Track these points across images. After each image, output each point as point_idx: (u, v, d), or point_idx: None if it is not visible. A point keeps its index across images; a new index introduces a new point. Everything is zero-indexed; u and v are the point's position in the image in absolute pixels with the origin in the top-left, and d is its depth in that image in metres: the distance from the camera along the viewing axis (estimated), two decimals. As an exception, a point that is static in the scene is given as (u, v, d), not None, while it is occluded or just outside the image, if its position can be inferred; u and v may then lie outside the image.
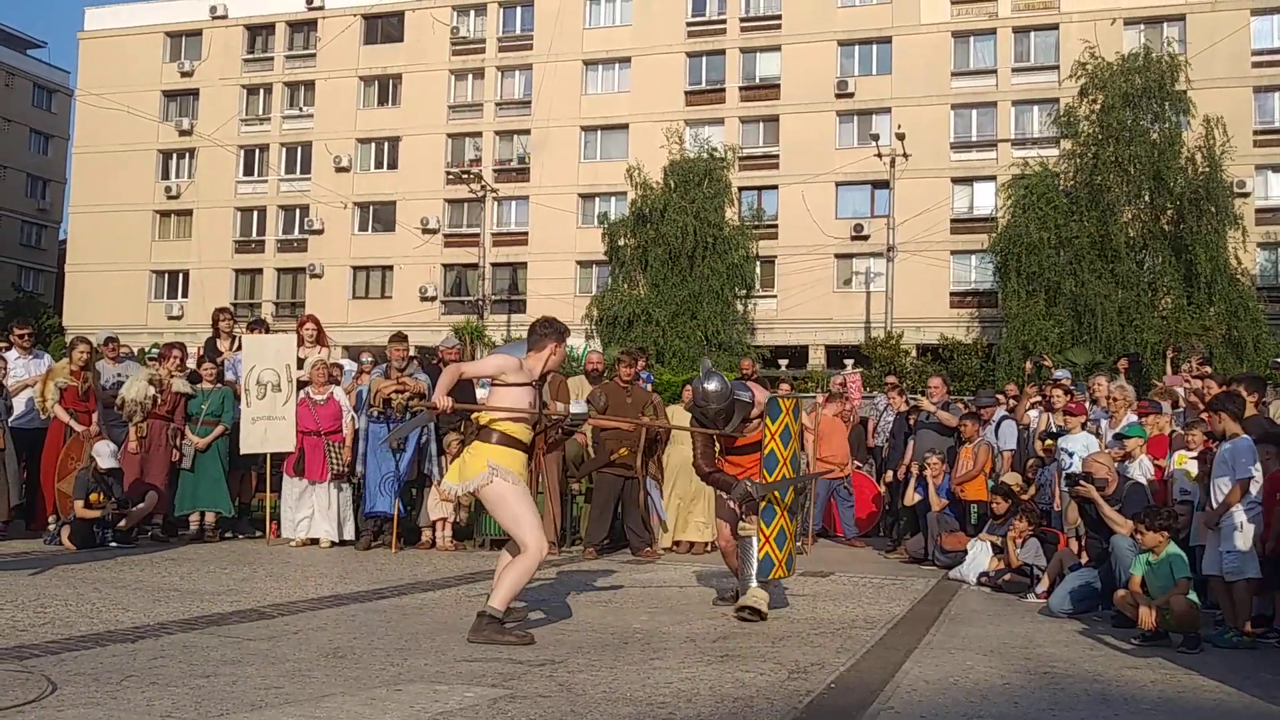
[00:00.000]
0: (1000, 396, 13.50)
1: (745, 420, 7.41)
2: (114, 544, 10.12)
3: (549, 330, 6.58)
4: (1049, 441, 10.68)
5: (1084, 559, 8.65)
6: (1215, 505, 7.32)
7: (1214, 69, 35.77)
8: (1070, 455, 9.49)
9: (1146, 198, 32.49)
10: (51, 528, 10.41)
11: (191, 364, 12.06)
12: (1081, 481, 8.51)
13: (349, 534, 11.05)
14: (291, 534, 10.90)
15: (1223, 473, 7.29)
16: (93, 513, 10.05)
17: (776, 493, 7.26)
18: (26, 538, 10.58)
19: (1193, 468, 8.42)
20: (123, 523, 10.30)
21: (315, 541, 10.84)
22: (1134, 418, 9.88)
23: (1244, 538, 7.11)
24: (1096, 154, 32.54)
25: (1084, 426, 9.98)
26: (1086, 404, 10.59)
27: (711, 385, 7.28)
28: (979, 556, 9.82)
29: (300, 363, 11.25)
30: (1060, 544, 9.16)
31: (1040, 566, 9.06)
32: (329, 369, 11.50)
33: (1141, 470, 9.00)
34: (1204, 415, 8.44)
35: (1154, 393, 11.40)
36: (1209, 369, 11.41)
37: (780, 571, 7.35)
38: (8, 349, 11.75)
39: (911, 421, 12.61)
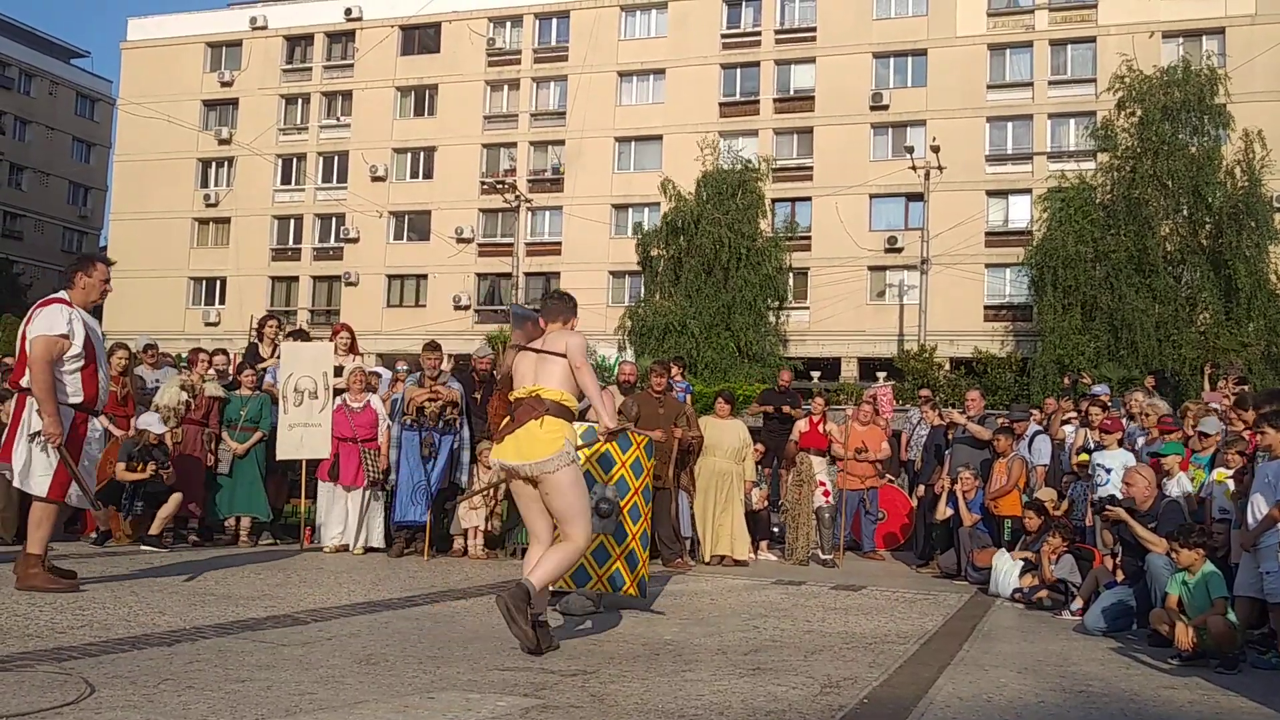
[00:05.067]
0: (1036, 412, 13.40)
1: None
2: (144, 545, 10.22)
3: None
4: (1083, 456, 10.59)
5: (1119, 577, 8.57)
6: (1252, 524, 7.23)
7: (1253, 82, 35.41)
8: (1108, 471, 9.40)
9: (1185, 212, 32.17)
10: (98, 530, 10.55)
11: (231, 370, 12.17)
12: (1109, 506, 8.44)
13: (377, 540, 11.12)
14: (326, 540, 10.98)
15: (1262, 491, 7.19)
16: (135, 475, 10.22)
17: (628, 515, 7.62)
18: (64, 540, 10.70)
19: (1231, 485, 8.31)
20: (154, 526, 10.40)
21: (347, 548, 10.91)
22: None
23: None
24: (1134, 167, 32.28)
25: (1120, 443, 9.91)
26: (1124, 420, 10.50)
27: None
28: (1006, 571, 9.76)
29: (338, 370, 11.34)
30: (1095, 561, 9.08)
31: (1075, 583, 8.98)
32: (367, 377, 11.58)
33: (1179, 487, 8.91)
34: (1245, 433, 8.34)
35: (1195, 410, 11.28)
36: (1245, 388, 11.24)
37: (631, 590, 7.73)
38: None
39: (949, 436, 12.54)
